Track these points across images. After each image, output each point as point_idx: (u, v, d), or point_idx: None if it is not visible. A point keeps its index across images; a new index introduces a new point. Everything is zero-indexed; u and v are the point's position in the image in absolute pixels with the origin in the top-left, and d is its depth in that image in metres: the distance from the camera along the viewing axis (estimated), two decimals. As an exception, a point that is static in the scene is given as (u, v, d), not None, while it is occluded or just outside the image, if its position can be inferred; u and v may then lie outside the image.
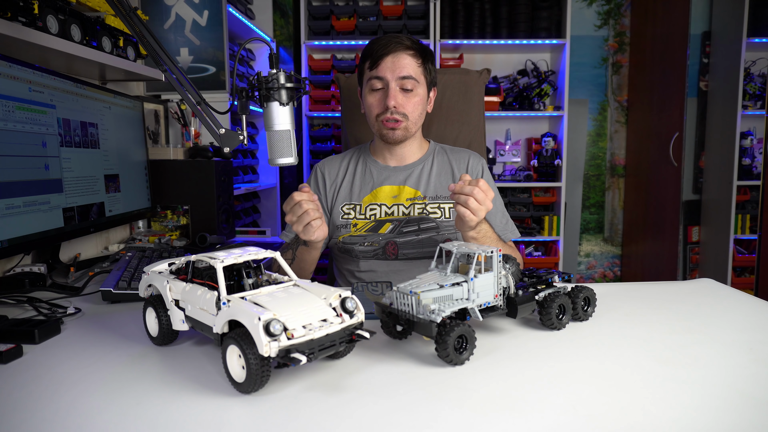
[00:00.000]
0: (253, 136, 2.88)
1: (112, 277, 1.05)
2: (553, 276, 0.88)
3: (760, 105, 3.17)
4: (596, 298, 0.89)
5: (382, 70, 1.27)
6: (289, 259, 1.24)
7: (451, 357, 0.69)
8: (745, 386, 0.63)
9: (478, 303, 0.76)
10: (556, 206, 3.28)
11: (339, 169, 1.41)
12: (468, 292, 0.75)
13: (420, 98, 1.31)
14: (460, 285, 0.75)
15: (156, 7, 2.22)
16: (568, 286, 0.88)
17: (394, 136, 1.31)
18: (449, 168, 1.38)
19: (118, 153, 1.42)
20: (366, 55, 1.32)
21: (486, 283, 0.77)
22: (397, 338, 0.80)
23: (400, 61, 1.27)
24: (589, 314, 0.88)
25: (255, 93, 0.95)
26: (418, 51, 1.30)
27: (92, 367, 0.71)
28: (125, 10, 0.91)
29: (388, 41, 1.28)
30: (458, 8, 3.12)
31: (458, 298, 0.75)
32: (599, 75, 3.48)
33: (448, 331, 0.68)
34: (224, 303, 0.64)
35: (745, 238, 3.16)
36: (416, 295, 0.71)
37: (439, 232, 1.31)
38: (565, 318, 0.84)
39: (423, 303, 0.71)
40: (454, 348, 0.69)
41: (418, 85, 1.29)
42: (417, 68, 1.29)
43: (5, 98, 1.02)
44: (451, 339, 0.68)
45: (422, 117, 1.35)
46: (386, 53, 1.27)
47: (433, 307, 0.70)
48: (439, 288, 0.73)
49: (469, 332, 0.70)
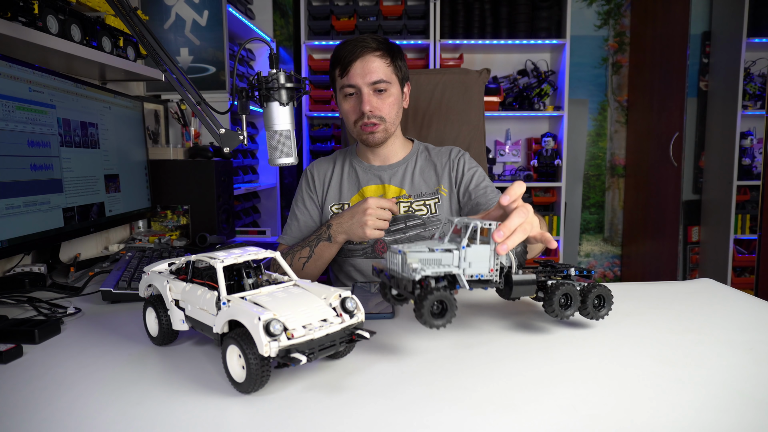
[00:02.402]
0: (253, 136, 2.88)
1: (112, 277, 1.05)
2: (570, 269, 0.83)
3: (760, 105, 3.17)
4: (613, 299, 0.82)
5: (352, 77, 1.28)
6: (305, 257, 1.26)
7: (425, 318, 0.67)
8: (745, 386, 0.63)
9: (469, 273, 0.74)
10: (556, 206, 3.28)
11: (327, 170, 1.44)
12: (458, 260, 0.73)
13: (394, 98, 1.32)
14: (450, 252, 0.73)
15: (156, 7, 2.22)
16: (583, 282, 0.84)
17: (374, 139, 1.33)
18: (431, 164, 1.40)
19: (118, 153, 1.42)
20: (335, 63, 1.32)
21: (480, 255, 0.74)
22: (393, 303, 0.79)
23: (368, 65, 1.27)
24: (602, 314, 0.81)
25: (255, 93, 0.95)
26: (385, 51, 1.30)
27: (92, 367, 0.70)
28: (125, 10, 0.91)
29: (354, 46, 1.28)
30: (458, 8, 3.12)
31: (446, 264, 0.72)
32: (599, 75, 3.48)
33: (426, 293, 0.67)
34: (224, 303, 0.64)
35: (745, 238, 3.16)
36: (404, 254, 0.70)
37: (426, 229, 1.33)
38: (570, 309, 0.79)
39: (408, 262, 0.69)
40: (432, 312, 0.67)
41: (390, 86, 1.30)
42: (386, 69, 1.30)
43: (5, 98, 1.02)
44: (429, 301, 0.66)
45: (399, 115, 1.36)
46: (354, 59, 1.28)
47: (415, 266, 0.68)
48: (428, 251, 0.72)
49: (450, 299, 0.68)
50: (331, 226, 1.23)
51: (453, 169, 1.38)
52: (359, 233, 1.17)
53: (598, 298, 0.81)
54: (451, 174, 1.38)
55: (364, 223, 1.15)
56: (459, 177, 1.37)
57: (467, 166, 1.38)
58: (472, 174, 1.37)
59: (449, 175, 1.38)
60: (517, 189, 0.79)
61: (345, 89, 1.31)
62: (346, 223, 1.20)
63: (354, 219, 1.17)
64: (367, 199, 1.17)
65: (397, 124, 1.37)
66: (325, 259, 1.26)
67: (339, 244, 1.24)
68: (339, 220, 1.22)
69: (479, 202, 1.31)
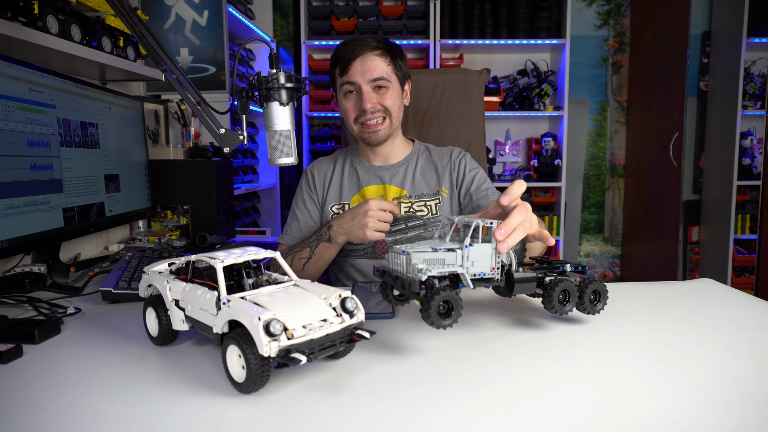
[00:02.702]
0: (253, 136, 2.88)
1: (112, 277, 1.05)
2: (565, 265, 0.85)
3: (760, 105, 3.17)
4: (608, 294, 0.85)
5: (352, 74, 1.28)
6: (306, 258, 1.26)
7: (432, 319, 0.67)
8: (745, 386, 0.63)
9: (472, 272, 0.75)
10: (556, 206, 3.28)
11: (328, 170, 1.44)
12: (462, 259, 0.74)
13: (396, 93, 1.32)
14: (453, 251, 0.74)
15: (156, 7, 2.22)
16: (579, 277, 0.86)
17: (377, 137, 1.33)
18: (432, 165, 1.40)
19: (118, 153, 1.42)
20: (335, 61, 1.33)
21: (482, 254, 0.75)
22: (395, 303, 0.80)
23: (368, 63, 1.28)
24: (598, 309, 0.84)
25: (255, 93, 0.95)
26: (385, 50, 1.30)
27: (92, 367, 0.70)
28: (125, 10, 0.91)
29: (354, 44, 1.29)
30: (458, 8, 3.12)
31: (450, 263, 0.73)
32: (599, 75, 3.49)
33: (433, 293, 0.67)
34: (224, 303, 0.64)
35: (745, 238, 3.16)
36: (408, 255, 0.71)
37: (426, 229, 1.33)
38: (569, 305, 0.81)
39: (413, 262, 0.70)
40: (438, 312, 0.68)
41: (390, 84, 1.31)
42: (386, 67, 1.30)
43: (5, 98, 1.02)
44: (435, 301, 0.67)
45: (401, 110, 1.37)
46: (354, 57, 1.28)
47: (421, 267, 0.69)
48: (432, 251, 0.73)
49: (456, 299, 0.69)
50: (332, 227, 1.23)
51: (454, 170, 1.38)
52: (359, 235, 1.17)
53: (594, 294, 0.84)
54: (452, 175, 1.38)
55: (365, 225, 1.15)
56: (460, 178, 1.37)
57: (468, 167, 1.38)
58: (474, 175, 1.37)
59: (450, 176, 1.38)
60: (517, 188, 0.80)
61: (345, 87, 1.30)
62: (346, 224, 1.20)
63: (355, 220, 1.17)
64: (368, 201, 1.17)
65: (400, 119, 1.37)
66: (325, 260, 1.26)
67: (339, 245, 1.24)
68: (339, 221, 1.22)
69: (480, 204, 1.31)
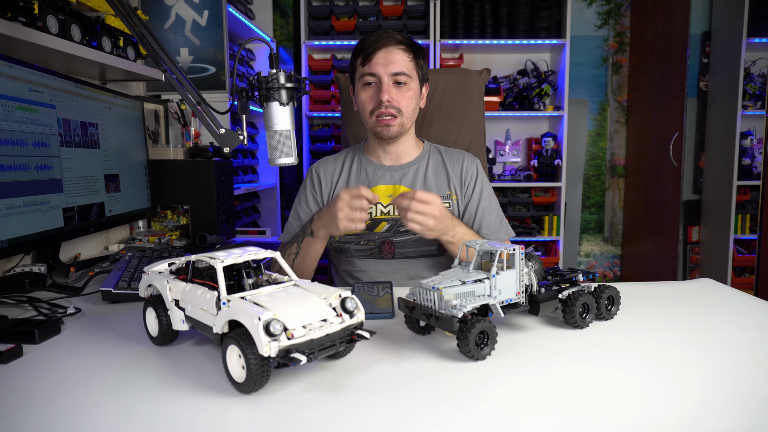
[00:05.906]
0: (253, 136, 2.88)
1: (112, 277, 1.05)
2: (577, 275, 0.87)
3: (760, 105, 3.17)
4: (620, 298, 0.88)
5: (374, 65, 1.27)
6: (293, 254, 1.25)
7: (472, 352, 0.70)
8: (745, 386, 0.63)
9: (500, 300, 0.77)
10: (556, 206, 3.28)
11: (335, 169, 1.41)
12: (490, 288, 0.76)
13: (413, 92, 1.31)
14: (482, 282, 0.76)
15: (156, 7, 2.22)
16: (592, 285, 0.87)
17: (389, 132, 1.30)
18: (443, 168, 1.38)
19: (118, 153, 1.42)
20: (357, 52, 1.32)
21: (508, 281, 0.77)
22: (420, 333, 0.81)
23: (391, 56, 1.27)
24: (613, 313, 0.87)
25: (255, 93, 0.95)
26: (409, 46, 1.30)
27: (92, 367, 0.70)
28: (125, 10, 0.91)
29: (379, 36, 1.28)
30: (458, 8, 3.12)
31: (480, 295, 0.76)
32: (599, 75, 3.49)
33: (469, 327, 0.69)
34: (224, 303, 0.64)
35: (745, 238, 3.16)
36: (438, 291, 0.72)
37: None
38: (589, 317, 0.83)
39: (445, 299, 0.72)
40: (475, 343, 0.70)
41: (410, 80, 1.29)
42: (409, 63, 1.29)
43: (5, 98, 1.02)
44: (472, 335, 0.69)
45: (416, 112, 1.35)
46: (378, 48, 1.27)
47: (455, 303, 0.71)
48: (461, 284, 0.74)
49: (491, 328, 0.71)
50: (314, 221, 1.21)
51: (465, 182, 1.36)
52: (333, 228, 1.14)
53: (609, 300, 0.87)
54: (462, 185, 1.36)
55: (335, 216, 1.11)
56: (469, 192, 1.36)
57: (479, 183, 1.36)
58: (480, 193, 1.35)
59: (461, 185, 1.36)
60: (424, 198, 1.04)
61: (365, 77, 1.29)
62: (324, 217, 1.17)
63: (329, 213, 1.14)
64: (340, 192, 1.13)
65: (413, 120, 1.35)
66: (312, 256, 1.24)
67: (322, 239, 1.22)
68: (319, 215, 1.20)
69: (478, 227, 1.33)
